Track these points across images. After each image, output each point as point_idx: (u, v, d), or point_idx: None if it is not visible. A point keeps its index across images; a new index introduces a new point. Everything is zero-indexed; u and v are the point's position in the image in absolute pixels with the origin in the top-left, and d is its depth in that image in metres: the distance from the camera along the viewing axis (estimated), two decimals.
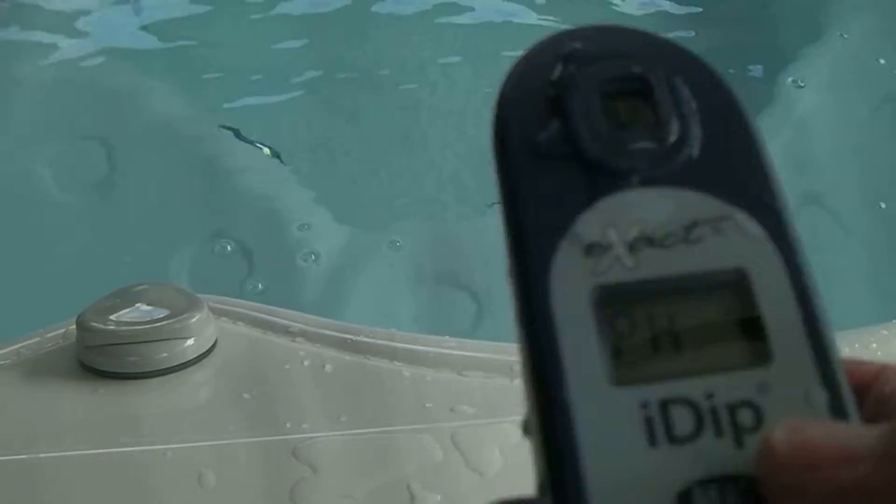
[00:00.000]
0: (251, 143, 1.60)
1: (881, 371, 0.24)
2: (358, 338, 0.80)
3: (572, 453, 0.22)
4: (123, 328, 0.77)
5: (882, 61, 1.76)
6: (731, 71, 1.84)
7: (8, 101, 1.63)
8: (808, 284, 0.24)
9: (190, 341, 0.78)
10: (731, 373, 0.22)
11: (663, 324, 0.23)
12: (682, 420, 0.22)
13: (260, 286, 1.40)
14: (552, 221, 0.24)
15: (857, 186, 1.64)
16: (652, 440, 0.22)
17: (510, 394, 0.75)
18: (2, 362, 0.79)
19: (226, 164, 1.56)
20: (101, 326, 0.77)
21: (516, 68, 0.26)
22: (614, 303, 0.23)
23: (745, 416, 0.22)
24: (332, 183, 1.56)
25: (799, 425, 0.21)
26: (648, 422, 0.22)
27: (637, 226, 0.24)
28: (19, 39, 1.74)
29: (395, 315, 1.35)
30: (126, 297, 0.81)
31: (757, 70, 1.83)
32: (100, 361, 0.77)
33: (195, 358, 0.78)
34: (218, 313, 0.82)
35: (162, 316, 0.79)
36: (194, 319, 0.78)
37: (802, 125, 1.67)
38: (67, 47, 1.72)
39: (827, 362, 0.23)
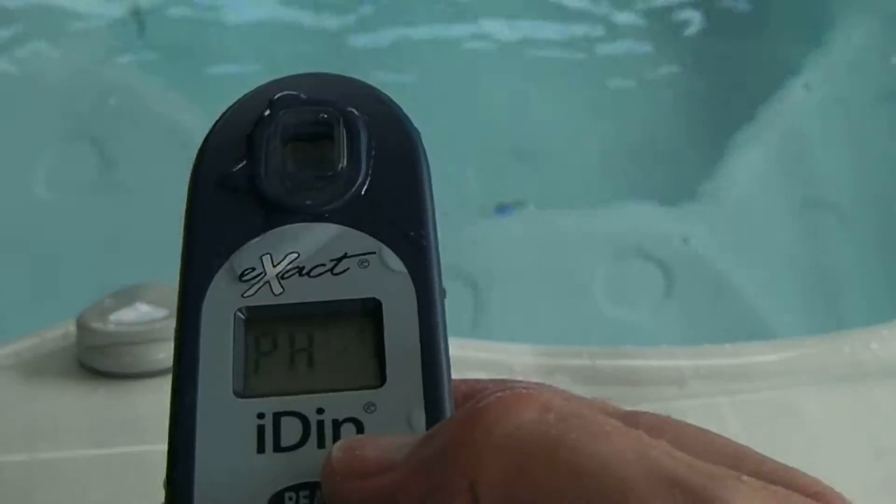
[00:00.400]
0: None
1: (487, 388, 0.26)
2: None
3: (187, 453, 0.24)
4: (123, 328, 0.77)
5: (883, 61, 1.76)
6: (730, 70, 1.84)
7: (8, 100, 1.63)
8: (435, 317, 0.26)
9: None
10: (346, 392, 0.25)
11: (302, 344, 0.26)
12: (291, 431, 0.24)
13: None
14: (219, 247, 0.26)
15: (857, 186, 1.64)
16: (260, 448, 0.24)
17: None
18: (2, 362, 0.79)
19: None
20: (101, 327, 0.77)
21: (230, 109, 0.29)
22: (259, 323, 0.26)
23: (348, 432, 0.24)
24: None
25: (355, 441, 0.24)
26: (261, 431, 0.24)
27: (291, 256, 0.26)
28: (19, 39, 1.74)
29: None
30: (126, 298, 0.81)
31: (757, 70, 1.83)
32: (99, 362, 0.77)
33: None
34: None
35: (161, 316, 0.79)
36: None
37: (803, 124, 1.67)
38: (67, 47, 1.72)
39: (435, 389, 0.25)
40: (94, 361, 0.78)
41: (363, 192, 0.27)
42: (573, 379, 0.79)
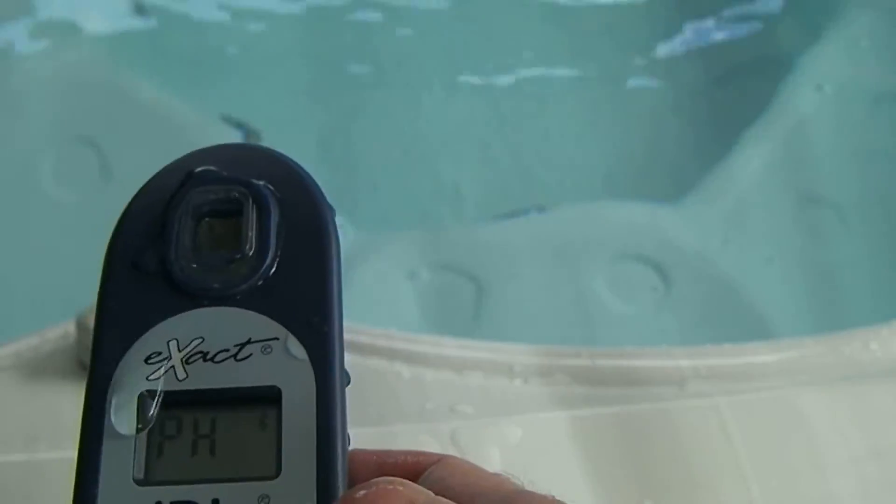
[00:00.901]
0: (252, 131, 1.60)
1: (427, 466, 0.28)
2: (357, 337, 0.80)
3: None
4: None
5: (886, 59, 1.76)
6: (731, 69, 1.84)
7: (8, 100, 1.63)
8: (333, 406, 0.26)
9: None
10: (243, 483, 0.25)
11: (205, 430, 0.26)
12: None
13: None
14: (127, 329, 0.27)
15: (859, 186, 1.64)
16: None
17: (510, 394, 0.75)
18: (2, 362, 0.79)
19: None
20: None
21: (150, 181, 0.30)
22: (162, 407, 0.26)
23: None
24: (333, 183, 1.56)
25: None
26: None
27: (196, 341, 0.26)
28: (18, 38, 1.74)
29: (394, 315, 1.35)
30: None
31: (758, 69, 1.83)
32: None
33: None
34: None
35: None
36: None
37: (804, 124, 1.67)
38: (67, 46, 1.72)
39: (327, 479, 0.25)
40: None
41: (270, 274, 0.27)
42: (573, 379, 0.79)
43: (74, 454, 0.26)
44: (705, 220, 1.56)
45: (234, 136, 1.63)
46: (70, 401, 0.76)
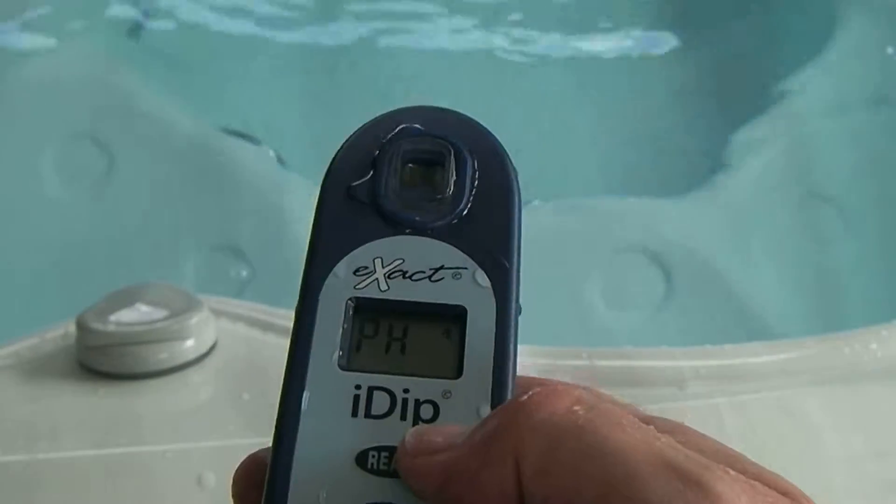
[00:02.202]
0: (251, 139, 1.60)
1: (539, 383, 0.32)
2: None
3: (295, 409, 0.29)
4: (123, 329, 0.77)
5: (884, 59, 1.76)
6: (732, 67, 1.84)
7: (8, 100, 1.63)
8: (509, 329, 0.31)
9: (189, 342, 0.78)
10: (429, 379, 0.30)
11: (398, 334, 0.31)
12: (380, 403, 0.29)
13: (260, 287, 1.40)
14: (340, 245, 0.32)
15: (859, 186, 1.64)
16: (354, 413, 0.29)
17: None
18: (2, 363, 0.79)
19: (227, 164, 1.56)
20: (101, 327, 0.77)
21: (364, 128, 0.34)
22: (365, 311, 0.31)
23: (427, 410, 0.29)
24: None
25: (424, 428, 0.29)
26: (356, 399, 0.30)
27: (398, 261, 0.32)
28: (16, 38, 1.74)
29: None
30: (126, 298, 0.81)
31: (758, 69, 1.83)
32: (99, 362, 0.77)
33: (195, 359, 0.78)
34: (217, 314, 0.81)
35: (161, 317, 0.79)
36: (194, 320, 0.78)
37: (804, 123, 1.68)
38: (65, 46, 1.72)
39: (501, 387, 0.30)
40: (94, 362, 0.78)
41: (463, 216, 0.32)
42: (573, 379, 0.79)
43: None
44: (705, 219, 1.56)
45: (235, 140, 1.63)
46: (70, 401, 0.76)
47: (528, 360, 0.80)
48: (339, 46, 1.82)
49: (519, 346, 0.30)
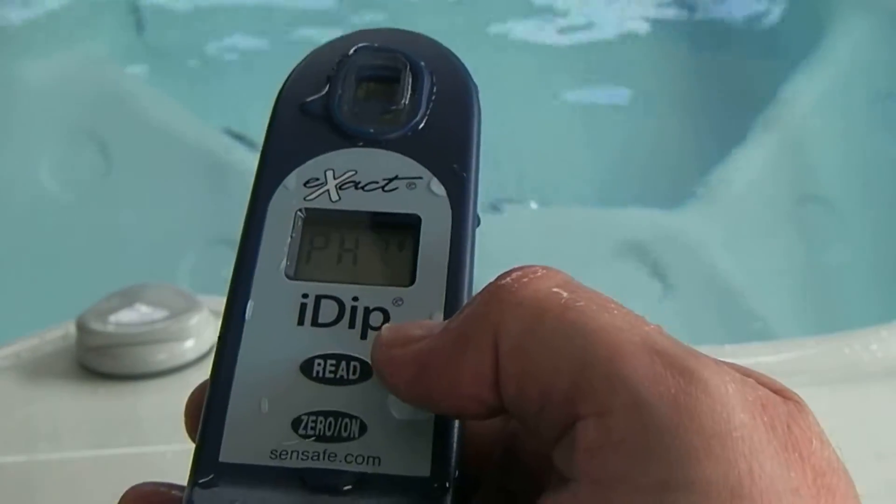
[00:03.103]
0: (251, 142, 1.60)
1: None
2: None
3: (239, 317, 0.29)
4: (123, 329, 0.77)
5: (883, 61, 1.76)
6: (729, 69, 1.84)
7: (7, 101, 1.63)
8: (465, 238, 0.30)
9: (189, 343, 0.78)
10: (380, 287, 0.29)
11: (349, 245, 0.30)
12: (328, 311, 0.29)
13: None
14: (291, 158, 0.31)
15: (858, 186, 1.64)
16: (300, 321, 0.29)
17: None
18: (1, 363, 0.79)
19: (227, 164, 1.56)
20: (101, 328, 0.77)
21: (319, 49, 0.34)
22: (315, 222, 0.30)
23: (376, 318, 0.29)
24: None
25: (403, 323, 0.28)
26: (303, 308, 0.29)
27: (350, 172, 0.31)
28: (17, 38, 1.74)
29: None
30: (125, 299, 0.81)
31: (758, 69, 1.83)
32: (99, 363, 0.77)
33: (195, 359, 0.78)
34: (217, 315, 0.81)
35: (161, 317, 0.79)
36: (194, 321, 0.78)
37: (804, 124, 1.68)
38: (66, 47, 1.72)
39: (455, 297, 0.29)
40: (94, 362, 0.78)
41: (419, 128, 0.32)
42: None
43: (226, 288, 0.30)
44: (705, 220, 1.56)
45: (235, 140, 1.63)
46: (70, 401, 0.76)
47: None
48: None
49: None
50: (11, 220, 1.52)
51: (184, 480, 0.27)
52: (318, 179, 0.31)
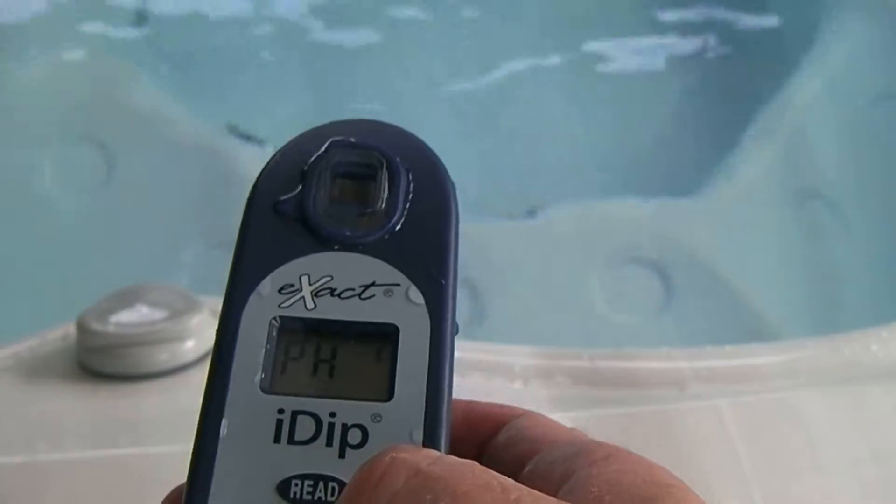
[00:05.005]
0: (254, 139, 1.60)
1: (511, 418, 0.31)
2: None
3: (213, 436, 0.28)
4: (123, 330, 0.77)
5: (883, 61, 1.76)
6: (730, 68, 1.84)
7: (7, 100, 1.63)
8: (444, 348, 0.29)
9: (190, 343, 0.78)
10: (357, 402, 0.28)
11: (325, 355, 0.29)
12: (305, 428, 0.28)
13: None
14: (265, 262, 0.30)
15: (859, 187, 1.64)
16: (277, 438, 0.28)
17: (510, 396, 0.75)
18: (1, 364, 0.79)
19: (227, 164, 1.56)
20: (101, 328, 0.77)
21: (292, 141, 0.33)
22: (290, 331, 0.30)
23: (354, 436, 0.28)
24: None
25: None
26: (279, 424, 0.28)
27: (326, 278, 0.30)
28: (16, 39, 1.74)
29: None
30: (126, 299, 0.81)
31: (758, 68, 1.83)
32: (99, 363, 0.77)
33: (195, 360, 0.78)
34: (218, 315, 0.81)
35: (162, 317, 0.79)
36: (194, 321, 0.78)
37: (804, 124, 1.68)
38: (65, 47, 1.72)
39: (435, 411, 0.28)
40: (94, 363, 0.78)
41: (396, 230, 0.31)
42: (573, 381, 0.79)
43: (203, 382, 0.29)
44: (705, 220, 1.56)
45: (237, 139, 1.63)
46: (70, 402, 0.76)
47: (529, 362, 0.80)
48: (344, 46, 1.82)
49: (519, 348, 0.29)
50: (11, 220, 1.52)
51: (183, 481, 0.28)
52: (293, 286, 0.30)
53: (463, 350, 0.79)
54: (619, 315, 1.47)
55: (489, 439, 0.31)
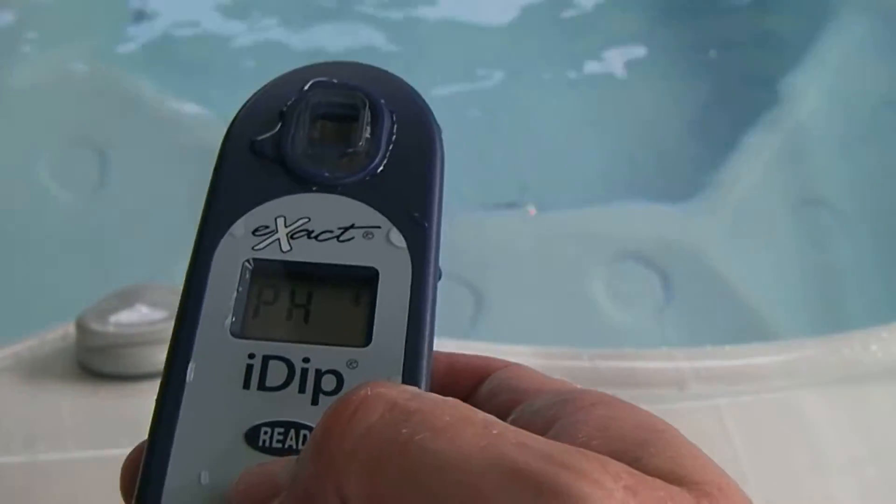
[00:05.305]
0: None
1: (495, 370, 0.29)
2: None
3: (179, 381, 0.27)
4: (123, 330, 0.77)
5: (883, 62, 1.76)
6: (730, 68, 1.84)
7: (7, 99, 1.63)
8: (426, 293, 0.28)
9: None
10: (333, 347, 0.27)
11: (301, 300, 0.28)
12: (276, 374, 0.26)
13: None
14: (239, 203, 0.29)
15: (858, 187, 1.64)
16: (246, 384, 0.26)
17: None
18: (1, 364, 0.79)
19: None
20: (101, 328, 0.77)
21: (273, 81, 0.32)
22: (264, 274, 0.28)
23: (329, 382, 0.26)
24: None
25: (247, 473, 0.24)
26: (249, 369, 0.26)
27: (303, 220, 0.29)
28: (17, 39, 1.74)
29: None
30: (125, 299, 0.81)
31: (757, 68, 1.83)
32: (99, 363, 0.77)
33: None
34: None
35: (161, 318, 0.79)
36: None
37: (804, 125, 1.67)
38: (65, 47, 1.72)
39: (414, 357, 0.27)
40: (94, 363, 0.78)
41: (378, 172, 0.29)
42: (573, 381, 0.79)
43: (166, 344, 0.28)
44: (705, 220, 1.56)
45: None
46: (70, 402, 0.76)
47: (529, 361, 0.80)
48: (344, 46, 1.83)
49: (518, 348, 0.28)
50: (11, 219, 1.52)
51: None
52: (267, 227, 0.29)
53: (462, 350, 0.79)
54: (620, 315, 1.47)
55: (472, 392, 0.30)
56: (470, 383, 0.30)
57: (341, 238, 0.28)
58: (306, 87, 0.31)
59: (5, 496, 0.70)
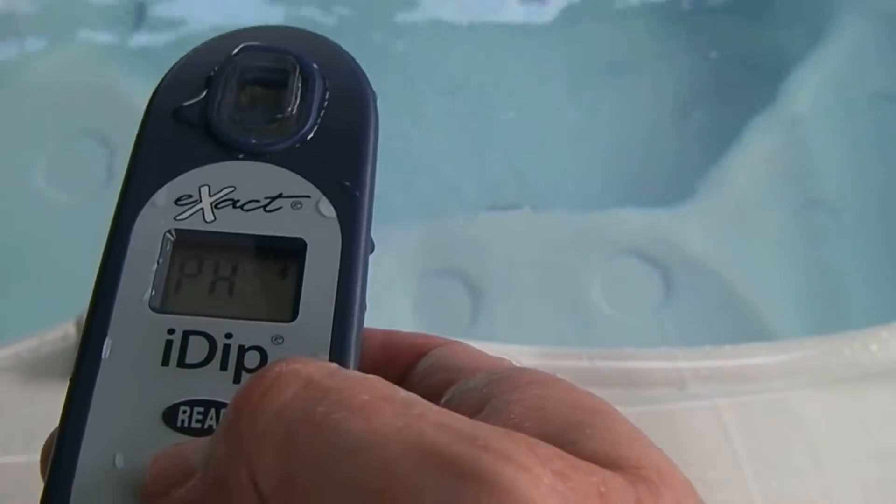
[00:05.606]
0: None
1: (433, 348, 0.28)
2: None
3: (94, 358, 0.25)
4: None
5: (883, 62, 1.76)
6: (730, 68, 1.84)
7: (7, 99, 1.63)
8: (356, 266, 0.27)
9: None
10: (257, 322, 0.26)
11: (225, 272, 0.27)
12: (197, 350, 0.25)
13: None
14: (161, 171, 0.28)
15: (858, 187, 1.64)
16: (165, 361, 0.25)
17: None
18: (1, 364, 0.79)
19: None
20: None
21: (199, 47, 0.31)
22: (186, 245, 0.27)
23: (252, 358, 0.25)
24: None
25: (161, 454, 0.23)
26: (168, 346, 0.25)
27: (228, 189, 0.27)
28: (16, 40, 1.74)
29: (392, 313, 1.35)
30: None
31: (757, 68, 1.83)
32: None
33: None
34: None
35: None
36: None
37: (804, 125, 1.68)
38: (65, 47, 1.72)
39: (342, 333, 0.25)
40: None
41: (308, 139, 0.28)
42: (573, 380, 0.79)
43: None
44: (705, 220, 1.56)
45: None
46: None
47: (528, 361, 0.80)
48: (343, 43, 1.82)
49: (518, 348, 0.27)
50: (11, 220, 1.52)
51: None
52: (190, 196, 0.27)
53: None
54: (619, 315, 1.47)
55: (409, 371, 0.28)
56: (407, 362, 0.29)
57: (268, 208, 0.27)
58: (235, 52, 0.30)
59: (5, 496, 0.70)
